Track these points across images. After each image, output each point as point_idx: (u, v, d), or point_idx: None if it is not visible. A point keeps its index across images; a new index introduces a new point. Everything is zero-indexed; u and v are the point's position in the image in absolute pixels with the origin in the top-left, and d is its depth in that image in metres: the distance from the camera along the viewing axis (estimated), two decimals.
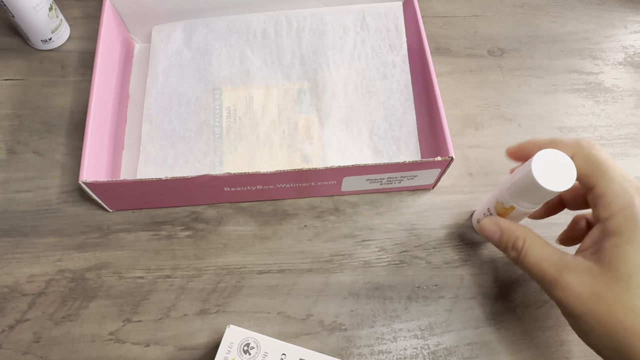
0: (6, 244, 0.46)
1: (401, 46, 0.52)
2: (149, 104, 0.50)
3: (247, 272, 0.45)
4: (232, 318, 0.43)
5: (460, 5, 0.61)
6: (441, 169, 0.45)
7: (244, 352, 0.36)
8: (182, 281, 0.45)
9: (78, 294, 0.44)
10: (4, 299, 0.44)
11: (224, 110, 0.50)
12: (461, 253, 0.47)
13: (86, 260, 0.45)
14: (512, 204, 0.40)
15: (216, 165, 0.48)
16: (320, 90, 0.51)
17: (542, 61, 0.57)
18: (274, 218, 0.48)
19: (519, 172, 0.38)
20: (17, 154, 0.50)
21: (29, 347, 0.42)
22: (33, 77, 0.54)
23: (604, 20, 0.61)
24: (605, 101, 0.55)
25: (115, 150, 0.49)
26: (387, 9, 0.53)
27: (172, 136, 0.49)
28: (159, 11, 0.52)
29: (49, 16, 0.52)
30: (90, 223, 0.47)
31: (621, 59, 0.58)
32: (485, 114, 0.54)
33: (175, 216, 0.48)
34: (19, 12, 0.50)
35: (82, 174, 0.41)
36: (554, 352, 0.43)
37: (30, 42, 0.54)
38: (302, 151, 0.49)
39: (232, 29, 0.53)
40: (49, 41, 0.54)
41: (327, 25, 0.53)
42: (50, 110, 0.52)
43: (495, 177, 0.50)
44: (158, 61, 0.52)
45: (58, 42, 0.55)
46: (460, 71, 0.56)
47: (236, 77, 0.52)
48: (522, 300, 0.45)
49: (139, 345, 0.42)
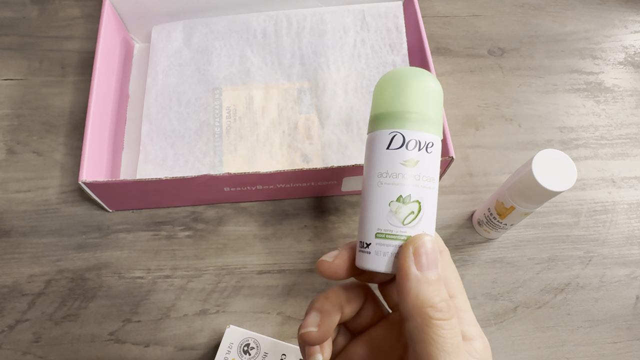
0: (6, 244, 0.46)
1: (401, 46, 0.52)
2: (148, 104, 0.50)
3: (247, 272, 0.45)
4: (232, 318, 0.43)
5: (460, 5, 0.61)
6: (441, 169, 0.45)
7: (244, 352, 0.36)
8: (182, 281, 0.45)
9: (78, 294, 0.44)
10: (3, 299, 0.43)
11: (224, 110, 0.50)
12: (461, 253, 0.47)
13: (86, 260, 0.45)
14: (512, 204, 0.40)
15: (216, 165, 0.48)
16: (320, 90, 0.51)
17: (543, 61, 0.57)
18: (274, 218, 0.48)
19: (519, 172, 0.38)
20: (17, 154, 0.50)
21: (29, 347, 0.42)
22: (33, 77, 0.54)
23: (604, 20, 0.61)
24: (605, 101, 0.55)
25: (115, 150, 0.49)
26: (387, 8, 0.53)
27: (172, 136, 0.49)
28: (159, 11, 0.52)
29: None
30: (90, 223, 0.47)
31: (622, 59, 0.58)
32: (485, 114, 0.54)
33: (175, 216, 0.47)
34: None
35: (81, 174, 0.41)
36: (554, 352, 0.43)
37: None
38: (302, 151, 0.49)
39: (232, 28, 0.53)
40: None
41: (327, 25, 0.53)
42: (50, 110, 0.52)
43: (495, 177, 0.50)
44: (158, 61, 0.52)
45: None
46: (460, 71, 0.56)
47: (236, 77, 0.52)
48: (522, 300, 0.45)
49: (139, 345, 0.42)
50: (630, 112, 0.55)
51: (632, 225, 0.49)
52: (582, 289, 0.46)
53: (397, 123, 0.26)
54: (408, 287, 0.23)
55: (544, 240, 0.48)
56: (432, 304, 0.22)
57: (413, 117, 0.25)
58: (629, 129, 0.54)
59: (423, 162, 0.25)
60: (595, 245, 0.48)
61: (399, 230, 0.25)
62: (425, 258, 0.23)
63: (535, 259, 0.47)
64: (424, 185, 0.25)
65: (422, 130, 0.25)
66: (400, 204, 0.25)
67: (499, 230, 0.45)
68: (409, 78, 0.26)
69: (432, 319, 0.22)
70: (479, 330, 0.25)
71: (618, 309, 0.45)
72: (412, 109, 0.26)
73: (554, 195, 0.36)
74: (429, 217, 0.25)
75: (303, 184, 0.45)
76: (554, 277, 0.46)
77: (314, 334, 0.25)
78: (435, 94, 0.26)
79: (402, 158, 0.25)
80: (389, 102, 0.26)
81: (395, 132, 0.25)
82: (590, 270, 0.46)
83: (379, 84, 0.28)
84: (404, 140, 0.25)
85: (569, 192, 0.50)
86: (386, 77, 0.27)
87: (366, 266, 0.25)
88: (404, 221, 0.25)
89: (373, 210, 0.25)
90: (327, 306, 0.26)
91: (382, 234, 0.25)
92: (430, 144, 0.26)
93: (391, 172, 0.25)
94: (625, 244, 0.48)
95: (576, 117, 0.54)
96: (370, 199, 0.26)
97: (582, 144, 0.53)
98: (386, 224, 0.25)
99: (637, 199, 0.50)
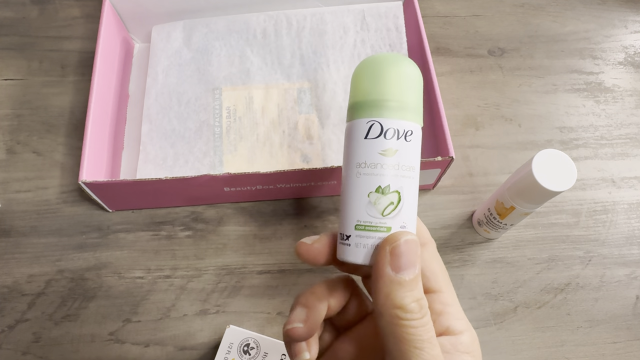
0: (6, 244, 0.46)
1: (401, 46, 0.52)
2: (148, 104, 0.50)
3: (247, 272, 0.45)
4: (232, 318, 0.43)
5: (460, 5, 0.61)
6: (441, 169, 0.45)
7: (244, 352, 0.36)
8: (182, 281, 0.45)
9: (78, 294, 0.44)
10: (3, 299, 0.43)
11: (224, 110, 0.50)
12: (461, 253, 0.47)
13: (86, 260, 0.45)
14: (512, 204, 0.40)
15: (216, 165, 0.48)
16: (320, 90, 0.51)
17: (543, 61, 0.57)
18: (274, 218, 0.48)
19: (519, 172, 0.38)
20: (17, 154, 0.50)
21: (29, 347, 0.42)
22: (33, 77, 0.54)
23: (604, 20, 0.61)
24: (605, 101, 0.55)
25: (114, 150, 0.49)
26: (387, 8, 0.53)
27: (172, 136, 0.49)
28: (159, 11, 0.52)
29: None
30: (90, 223, 0.47)
31: (621, 59, 0.58)
32: (485, 114, 0.54)
33: (175, 216, 0.47)
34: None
35: (81, 174, 0.41)
36: (554, 352, 0.43)
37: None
38: (302, 151, 0.49)
39: (232, 28, 0.53)
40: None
41: (327, 25, 0.53)
42: (50, 110, 0.52)
43: (495, 177, 0.50)
44: (158, 61, 0.52)
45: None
46: (460, 71, 0.56)
47: (236, 77, 0.52)
48: (522, 300, 0.45)
49: (139, 345, 0.42)
50: (630, 112, 0.55)
51: (632, 225, 0.49)
52: (582, 289, 0.46)
53: (374, 112, 0.25)
54: (380, 287, 0.23)
55: (544, 240, 0.48)
56: (401, 305, 0.22)
57: (391, 105, 0.25)
58: (629, 129, 0.54)
59: (402, 151, 0.25)
60: (595, 245, 0.48)
61: (379, 221, 0.24)
62: (401, 258, 0.23)
63: (535, 259, 0.47)
64: (403, 175, 0.25)
65: (401, 119, 0.25)
66: (380, 194, 0.24)
67: (499, 230, 0.45)
68: (386, 64, 0.26)
69: (401, 320, 0.22)
70: (467, 323, 0.25)
71: (618, 309, 0.45)
72: (389, 97, 0.25)
73: (554, 195, 0.36)
74: (410, 207, 0.25)
75: (303, 184, 0.45)
76: (554, 277, 0.46)
77: (300, 330, 0.24)
78: (413, 80, 0.26)
79: (380, 148, 0.25)
80: (366, 89, 0.26)
81: (372, 121, 0.25)
82: (590, 270, 0.46)
83: (356, 70, 0.27)
84: (382, 129, 0.25)
85: (569, 192, 0.50)
86: (363, 64, 0.26)
87: (346, 258, 0.25)
88: (383, 212, 0.24)
89: (352, 202, 0.25)
90: (313, 300, 0.25)
91: (362, 226, 0.25)
92: (410, 132, 0.25)
93: (369, 163, 0.25)
94: (625, 244, 0.48)
95: (576, 117, 0.54)
96: (349, 190, 0.25)
97: (582, 144, 0.53)
98: (365, 216, 0.24)
99: (637, 199, 0.50)
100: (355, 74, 0.27)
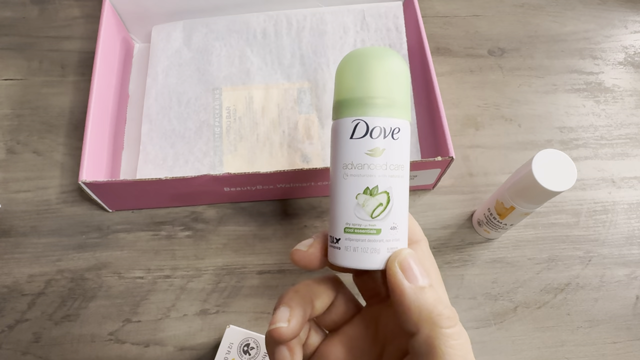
0: (6, 244, 0.46)
1: (401, 46, 0.52)
2: (148, 104, 0.50)
3: (247, 272, 0.45)
4: (232, 318, 0.43)
5: (460, 5, 0.61)
6: (441, 169, 0.45)
7: (244, 352, 0.36)
8: (182, 281, 0.45)
9: (78, 294, 0.44)
10: (3, 299, 0.43)
11: (224, 110, 0.50)
12: (461, 253, 0.47)
13: (86, 260, 0.45)
14: (512, 204, 0.40)
15: (216, 165, 0.48)
16: (320, 90, 0.51)
17: (543, 61, 0.57)
18: (274, 218, 0.48)
19: (519, 172, 0.38)
20: (17, 154, 0.50)
21: (29, 347, 0.42)
22: (33, 77, 0.54)
23: (604, 20, 0.61)
24: (605, 101, 0.55)
25: (114, 150, 0.49)
26: (387, 8, 0.53)
27: (171, 136, 0.49)
28: (159, 11, 0.52)
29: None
30: (89, 223, 0.47)
31: (621, 59, 0.58)
32: (485, 114, 0.54)
33: (175, 216, 0.47)
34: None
35: (81, 174, 0.41)
36: (554, 352, 0.43)
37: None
38: (302, 151, 0.49)
39: (232, 28, 0.53)
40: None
41: (327, 25, 0.53)
42: (50, 110, 0.52)
43: (495, 177, 0.50)
44: (158, 61, 0.52)
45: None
46: (460, 71, 0.56)
47: (236, 77, 0.52)
48: (522, 300, 0.45)
49: (139, 345, 0.42)
50: (630, 112, 0.55)
51: (632, 225, 0.49)
52: (582, 289, 0.46)
53: (359, 110, 0.24)
54: (408, 303, 0.22)
55: (544, 240, 0.48)
56: (438, 312, 0.22)
57: (376, 102, 0.24)
58: (629, 129, 0.54)
59: (390, 150, 0.24)
60: (595, 245, 0.48)
61: (368, 224, 0.24)
62: (414, 269, 0.23)
63: (535, 259, 0.47)
64: (392, 175, 0.24)
65: (387, 116, 0.24)
66: (368, 196, 0.24)
67: (499, 230, 0.45)
68: (370, 59, 0.24)
69: (442, 329, 0.21)
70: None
71: (618, 309, 0.45)
72: (374, 94, 0.24)
73: (554, 195, 0.36)
74: (400, 207, 0.24)
75: (303, 184, 0.45)
76: (554, 277, 0.46)
77: (284, 330, 0.23)
78: (399, 75, 0.25)
79: (366, 147, 0.24)
80: (350, 86, 0.25)
81: (357, 119, 0.24)
82: (590, 270, 0.46)
83: (340, 65, 0.26)
84: (368, 128, 0.24)
85: (569, 192, 0.50)
86: (347, 59, 0.25)
87: (337, 262, 0.24)
88: (372, 214, 0.24)
89: (340, 204, 0.24)
90: (297, 300, 0.24)
91: (351, 229, 0.24)
92: (397, 129, 0.24)
93: (356, 163, 0.24)
94: (625, 244, 0.48)
95: (576, 117, 0.54)
96: (336, 192, 0.24)
97: (582, 144, 0.53)
98: (354, 218, 0.24)
99: (637, 199, 0.50)
100: (339, 69, 0.26)
